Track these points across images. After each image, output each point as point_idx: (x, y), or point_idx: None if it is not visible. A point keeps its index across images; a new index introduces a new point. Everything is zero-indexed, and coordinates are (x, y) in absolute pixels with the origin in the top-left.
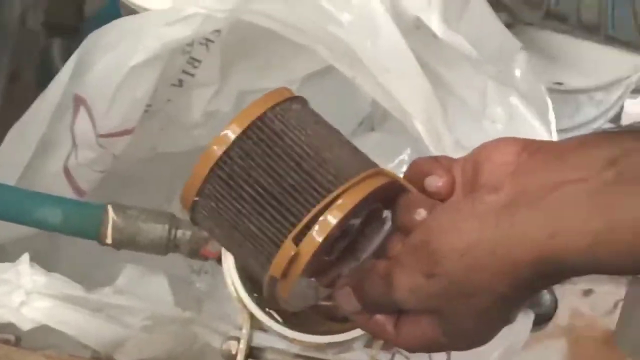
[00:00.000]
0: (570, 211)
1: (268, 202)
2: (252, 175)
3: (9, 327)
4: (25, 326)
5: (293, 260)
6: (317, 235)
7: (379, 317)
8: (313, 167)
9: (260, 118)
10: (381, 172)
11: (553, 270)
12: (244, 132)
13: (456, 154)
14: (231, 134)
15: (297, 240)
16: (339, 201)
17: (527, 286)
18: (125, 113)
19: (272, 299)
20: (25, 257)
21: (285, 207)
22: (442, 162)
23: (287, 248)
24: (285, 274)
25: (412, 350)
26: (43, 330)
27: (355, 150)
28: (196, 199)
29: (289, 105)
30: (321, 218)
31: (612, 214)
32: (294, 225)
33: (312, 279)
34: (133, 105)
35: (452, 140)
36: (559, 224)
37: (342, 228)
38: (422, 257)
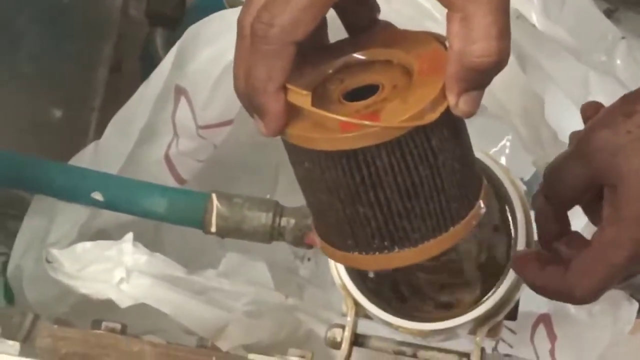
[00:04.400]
0: None
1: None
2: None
3: (113, 311)
4: (124, 303)
5: None
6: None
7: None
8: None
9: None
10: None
11: None
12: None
13: (555, 148)
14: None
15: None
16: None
17: None
18: (224, 105)
19: None
20: (129, 236)
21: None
22: None
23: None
24: None
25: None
26: (148, 314)
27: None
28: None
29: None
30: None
31: None
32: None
33: None
34: (232, 97)
35: (551, 134)
36: None
37: None
38: None
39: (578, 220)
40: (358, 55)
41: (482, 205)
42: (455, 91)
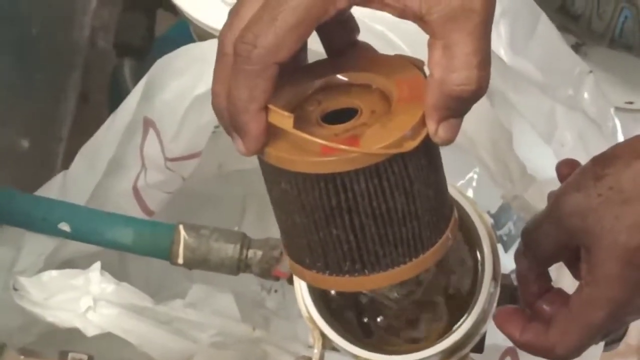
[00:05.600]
0: None
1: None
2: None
3: (79, 340)
4: (90, 332)
5: None
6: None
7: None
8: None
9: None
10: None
11: None
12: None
13: (523, 181)
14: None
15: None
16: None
17: None
18: (192, 137)
19: None
20: (97, 265)
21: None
22: None
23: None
24: None
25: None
26: (114, 344)
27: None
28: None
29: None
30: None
31: None
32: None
33: None
34: (200, 130)
35: (519, 167)
36: None
37: None
38: None
39: None
40: (337, 77)
41: (451, 235)
42: (435, 118)
